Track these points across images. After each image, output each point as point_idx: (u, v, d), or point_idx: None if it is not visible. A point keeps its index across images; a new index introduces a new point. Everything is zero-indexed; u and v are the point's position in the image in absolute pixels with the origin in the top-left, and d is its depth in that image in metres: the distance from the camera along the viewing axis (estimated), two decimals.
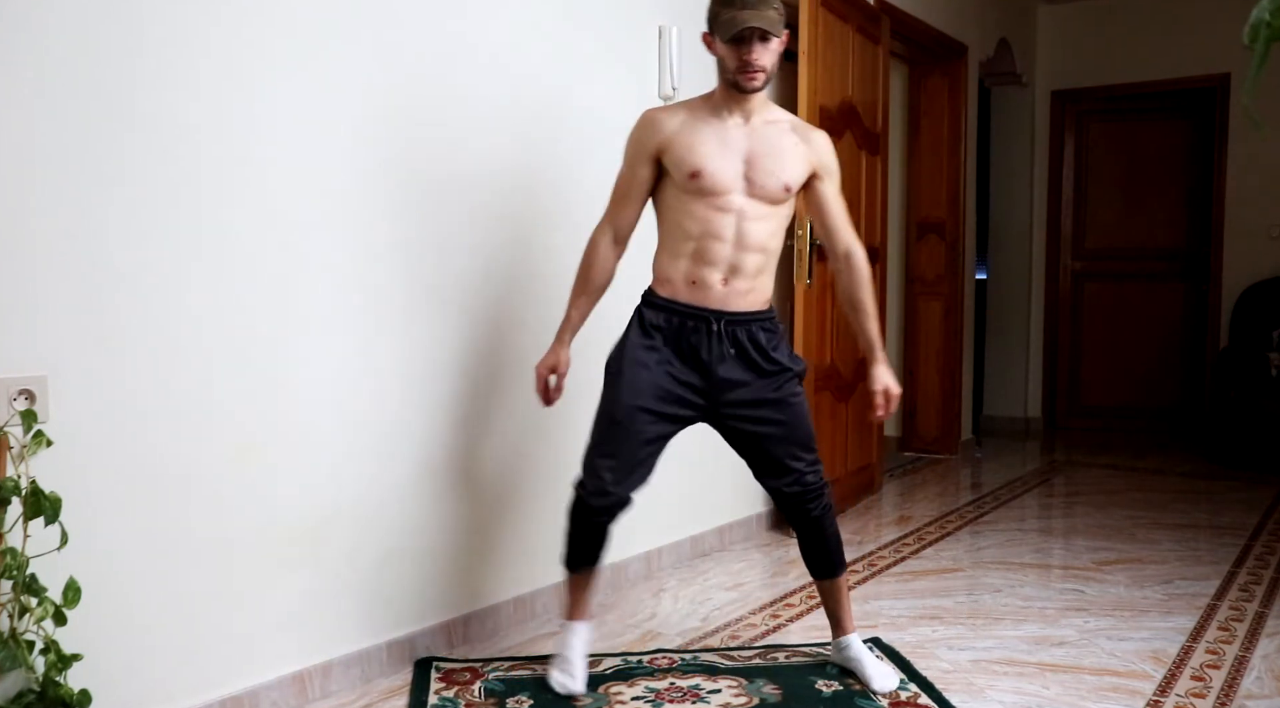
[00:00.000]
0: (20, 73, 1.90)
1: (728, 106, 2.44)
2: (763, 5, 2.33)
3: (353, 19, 2.49)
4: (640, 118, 2.49)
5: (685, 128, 2.42)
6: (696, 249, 2.42)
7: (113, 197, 2.04)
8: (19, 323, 1.91)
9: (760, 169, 2.40)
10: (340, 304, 2.50)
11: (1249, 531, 4.14)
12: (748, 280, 2.44)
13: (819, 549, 2.60)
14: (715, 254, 2.41)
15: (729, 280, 2.43)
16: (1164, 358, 6.61)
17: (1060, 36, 6.67)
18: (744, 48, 2.34)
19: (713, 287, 2.42)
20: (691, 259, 2.43)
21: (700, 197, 2.39)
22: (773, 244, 2.48)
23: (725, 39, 2.35)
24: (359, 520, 2.56)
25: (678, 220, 2.44)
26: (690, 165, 2.38)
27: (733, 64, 2.37)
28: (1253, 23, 1.21)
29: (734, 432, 2.52)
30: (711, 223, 2.40)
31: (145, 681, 2.12)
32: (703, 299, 2.43)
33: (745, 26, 2.31)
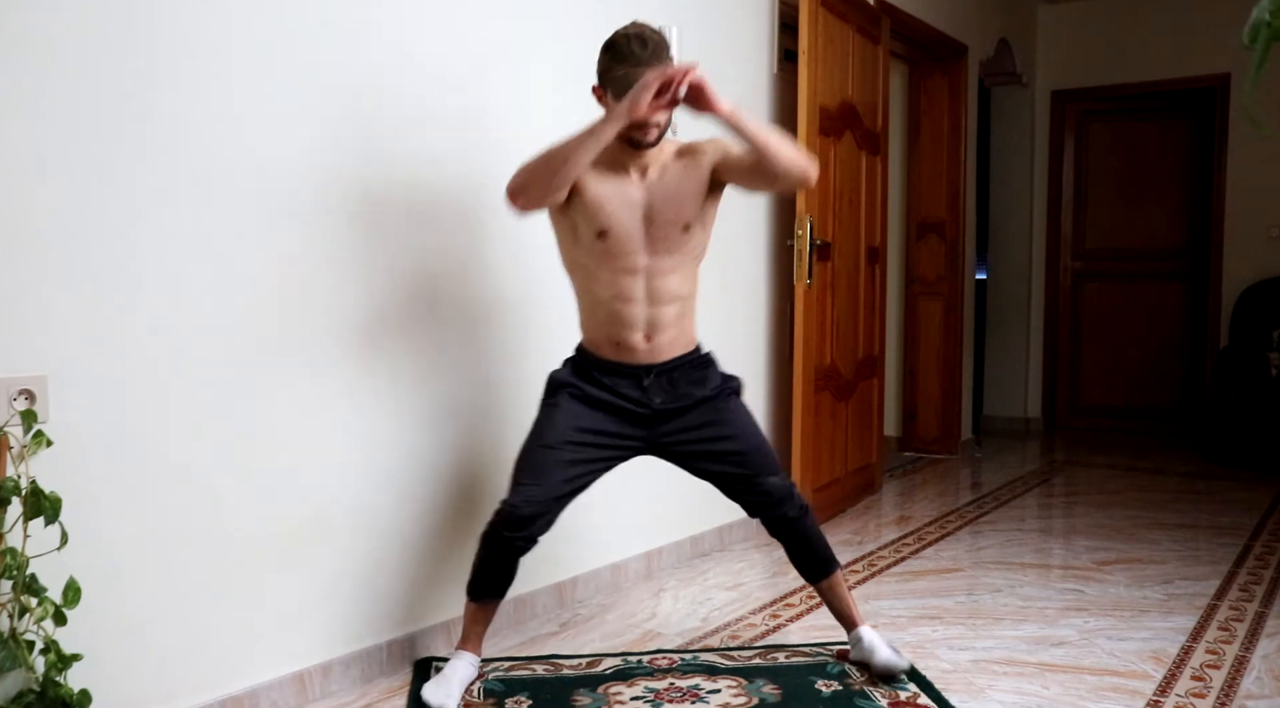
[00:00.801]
0: (21, 73, 1.89)
1: (624, 162, 2.40)
2: (655, 61, 2.28)
3: (349, 20, 2.49)
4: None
5: (595, 179, 2.37)
6: (611, 313, 2.44)
7: (113, 197, 2.04)
8: (19, 323, 1.91)
9: (660, 222, 2.40)
10: (341, 304, 2.49)
11: (1249, 531, 4.14)
12: (670, 330, 2.47)
13: (804, 552, 2.63)
14: (631, 316, 2.43)
15: (651, 337, 2.45)
16: (1164, 358, 6.62)
17: (1060, 36, 6.67)
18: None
19: (636, 347, 2.45)
20: (609, 323, 2.45)
21: (606, 258, 2.40)
22: (687, 289, 2.49)
23: (619, 96, 2.28)
24: (359, 520, 2.56)
25: (588, 285, 2.47)
26: (599, 223, 2.37)
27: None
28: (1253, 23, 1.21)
29: (685, 458, 2.56)
30: (620, 286, 2.41)
31: (145, 681, 2.12)
32: (629, 357, 2.46)
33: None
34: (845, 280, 4.40)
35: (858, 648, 2.63)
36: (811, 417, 4.05)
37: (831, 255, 4.23)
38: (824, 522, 4.22)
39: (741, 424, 2.54)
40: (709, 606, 3.19)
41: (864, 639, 2.61)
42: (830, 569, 2.63)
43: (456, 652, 2.50)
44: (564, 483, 2.43)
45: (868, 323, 4.68)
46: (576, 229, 2.42)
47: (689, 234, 2.44)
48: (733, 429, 2.52)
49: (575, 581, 3.21)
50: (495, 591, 2.49)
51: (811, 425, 4.05)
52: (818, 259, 4.05)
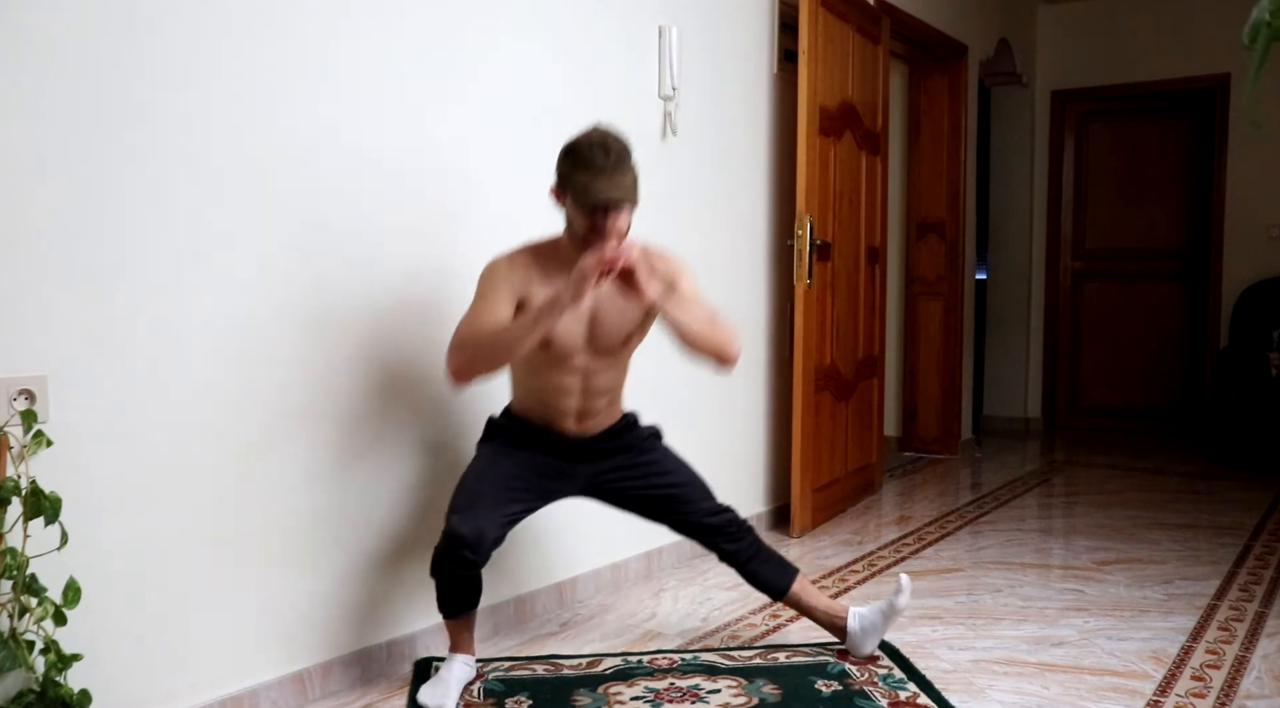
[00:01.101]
0: (21, 73, 1.89)
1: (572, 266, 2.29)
2: (617, 172, 2.25)
3: (348, 21, 2.49)
4: (496, 262, 2.39)
5: (543, 284, 2.35)
6: (544, 402, 2.50)
7: (113, 197, 2.04)
8: (19, 323, 1.91)
9: (603, 329, 2.43)
10: (341, 304, 2.50)
11: (1249, 531, 4.14)
12: (600, 416, 2.55)
13: (755, 580, 2.71)
14: (564, 405, 2.50)
15: (581, 421, 2.53)
16: (1164, 358, 6.62)
17: (1060, 36, 6.67)
18: (599, 215, 2.26)
19: (566, 428, 2.53)
20: (541, 408, 2.52)
21: (545, 361, 2.42)
22: (620, 380, 2.58)
23: (581, 208, 2.27)
24: (359, 520, 2.56)
25: (524, 375, 2.52)
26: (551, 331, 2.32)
27: (582, 230, 2.30)
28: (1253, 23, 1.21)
29: (623, 497, 2.63)
30: (556, 381, 2.47)
31: (145, 681, 2.12)
32: (559, 431, 2.53)
33: (603, 198, 2.23)
34: (845, 280, 4.40)
35: (851, 641, 2.69)
36: (811, 417, 4.05)
37: (831, 255, 4.23)
38: (824, 522, 4.22)
39: (671, 461, 2.65)
40: (709, 606, 3.19)
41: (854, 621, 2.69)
42: (786, 590, 2.70)
43: (450, 655, 2.50)
44: (501, 509, 2.40)
45: (868, 323, 4.68)
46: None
47: (628, 344, 2.51)
48: (665, 466, 2.63)
49: (575, 581, 3.21)
50: (466, 606, 2.47)
51: (811, 425, 4.05)
52: (818, 259, 4.05)
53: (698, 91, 3.66)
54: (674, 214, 3.57)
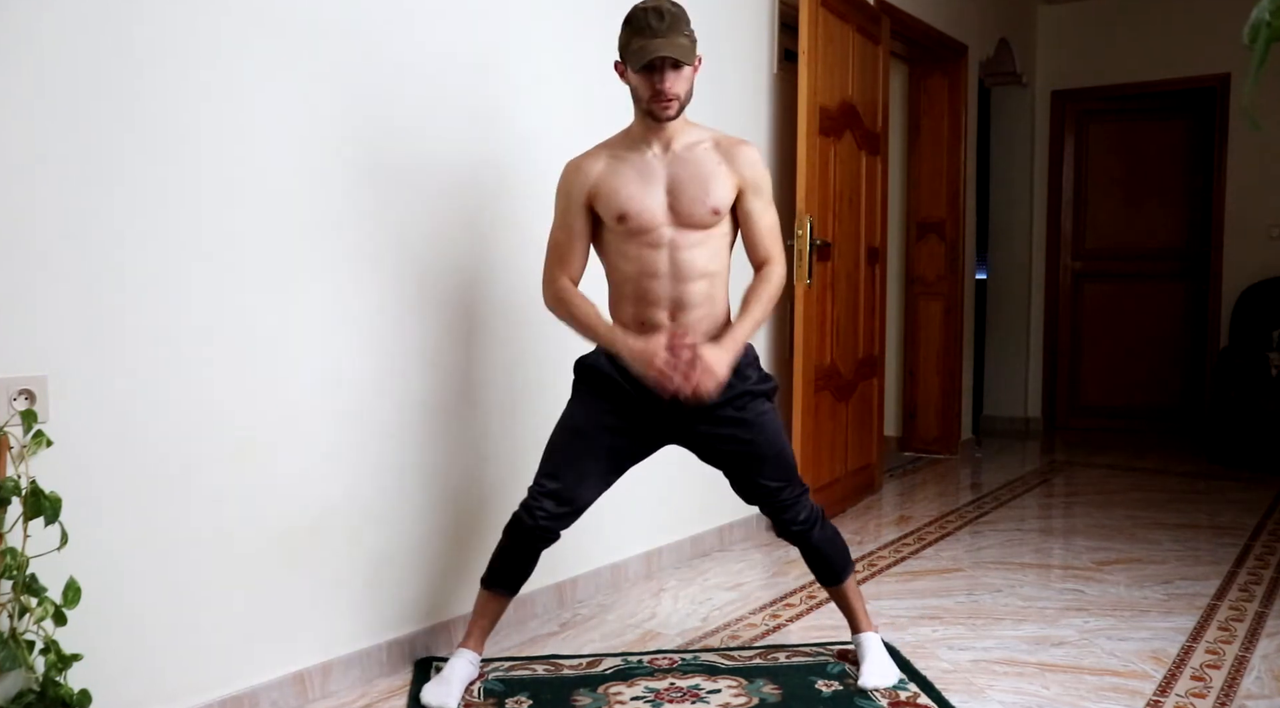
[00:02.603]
0: (20, 73, 1.89)
1: (646, 138, 2.41)
2: (673, 33, 2.31)
3: (343, 23, 2.49)
4: (565, 169, 2.45)
5: (609, 171, 2.40)
6: (637, 290, 2.41)
7: (113, 197, 2.04)
8: (19, 323, 1.91)
9: (685, 197, 2.37)
10: (341, 305, 2.50)
11: (1249, 531, 4.14)
12: (696, 310, 2.41)
13: (814, 559, 2.61)
14: (656, 292, 2.40)
15: (676, 315, 2.41)
16: (1164, 358, 6.62)
17: (1060, 36, 6.67)
18: (656, 76, 2.31)
19: (660, 325, 2.40)
20: (634, 301, 2.43)
21: (630, 236, 2.39)
22: (714, 266, 2.43)
23: (636, 68, 2.32)
24: (359, 520, 2.56)
25: (615, 263, 2.45)
26: (616, 209, 2.37)
27: (646, 93, 2.34)
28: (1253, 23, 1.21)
29: (704, 450, 2.54)
30: (645, 261, 2.39)
31: (145, 681, 2.12)
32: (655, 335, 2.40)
33: (656, 55, 2.28)
34: (845, 280, 4.40)
35: (857, 651, 2.64)
36: (811, 417, 4.05)
37: (831, 255, 4.23)
38: None
39: (763, 427, 2.48)
40: (709, 606, 3.19)
41: (861, 646, 2.61)
42: (842, 578, 2.62)
43: (457, 650, 2.50)
44: (594, 475, 2.44)
45: (868, 323, 4.68)
46: (600, 216, 2.43)
47: (718, 217, 2.41)
48: (752, 433, 2.47)
49: (575, 581, 3.21)
50: (510, 582, 2.49)
51: (811, 425, 4.05)
52: (818, 259, 4.05)
53: (698, 91, 3.64)
54: None
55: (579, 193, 2.42)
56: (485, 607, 2.51)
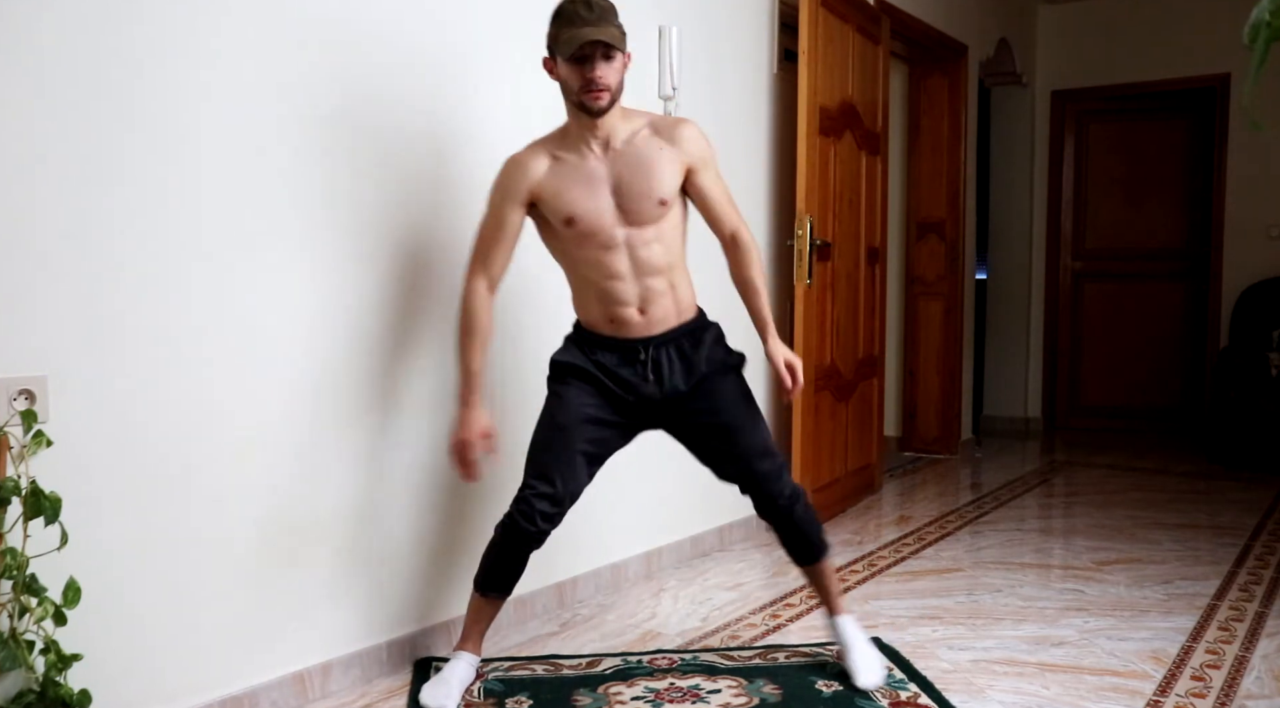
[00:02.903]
0: (20, 73, 1.90)
1: (584, 137, 2.37)
2: (603, 22, 2.27)
3: (349, 25, 2.49)
4: (506, 164, 2.42)
5: (552, 173, 2.38)
6: (601, 291, 2.42)
7: (113, 197, 2.04)
8: (19, 323, 1.91)
9: (632, 195, 2.36)
10: (341, 305, 2.50)
11: (1249, 531, 4.14)
12: (663, 301, 2.43)
13: (793, 538, 2.57)
14: (621, 293, 2.41)
15: (645, 310, 2.43)
16: (1164, 358, 6.61)
17: (1060, 36, 6.67)
18: (587, 66, 2.27)
19: (631, 321, 2.43)
20: (601, 302, 2.44)
21: (583, 241, 2.39)
22: (673, 257, 2.45)
23: (566, 57, 2.28)
24: (358, 520, 2.56)
25: (574, 267, 2.46)
26: (563, 212, 2.36)
27: (576, 84, 2.30)
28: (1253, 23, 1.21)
29: (682, 433, 2.54)
30: (604, 264, 2.40)
31: (145, 681, 2.12)
32: (626, 332, 2.44)
33: (586, 41, 2.24)
34: (845, 280, 4.40)
35: (833, 634, 2.62)
36: (811, 417, 4.05)
37: (831, 255, 4.23)
38: (824, 522, 4.20)
39: (730, 398, 2.48)
40: (709, 606, 3.19)
41: (841, 630, 2.60)
42: (817, 556, 2.59)
43: (455, 652, 2.50)
44: (581, 468, 2.44)
45: (868, 323, 4.68)
46: (547, 221, 2.43)
47: (665, 208, 2.40)
48: (719, 403, 2.47)
49: (575, 581, 3.21)
50: (503, 585, 2.49)
51: (811, 425, 4.05)
52: (818, 259, 4.05)
53: (698, 91, 3.66)
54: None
55: (519, 189, 2.38)
56: (481, 610, 2.51)
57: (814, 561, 2.60)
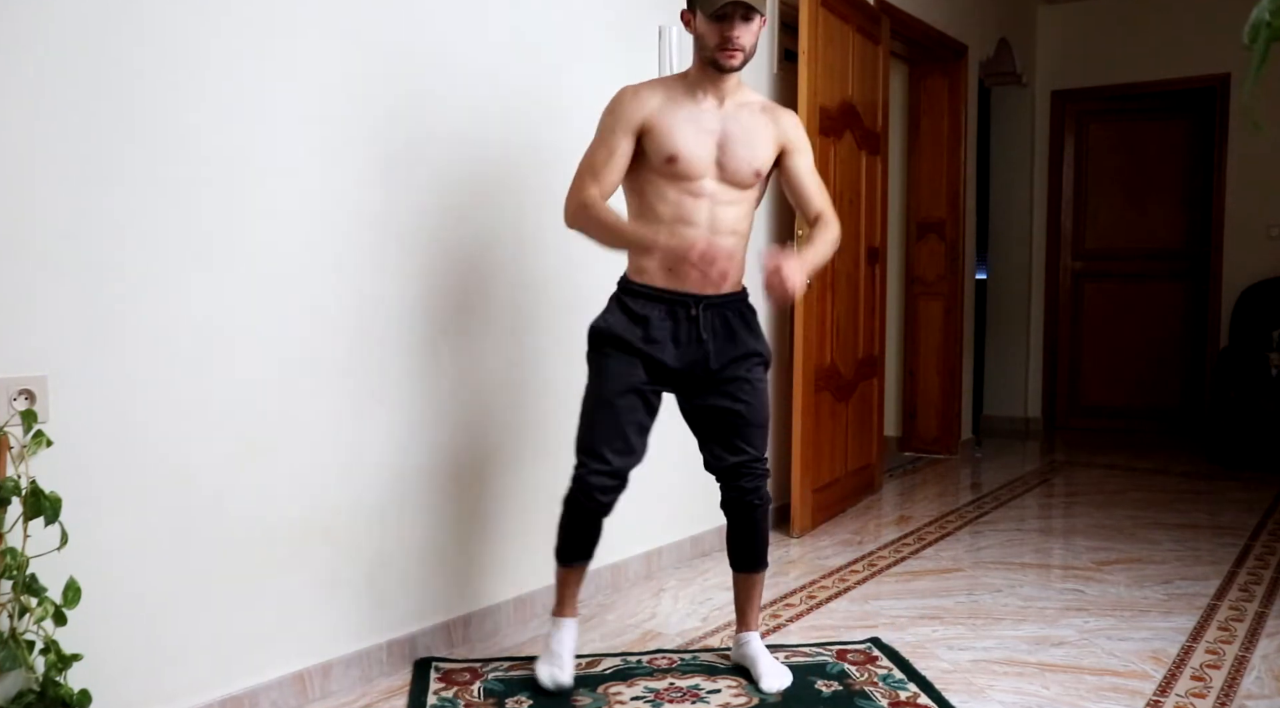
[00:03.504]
0: (21, 73, 1.90)
1: (703, 88, 2.44)
2: None
3: (347, 22, 2.49)
4: (619, 93, 2.45)
5: (664, 108, 2.41)
6: (670, 235, 2.39)
7: (113, 197, 2.04)
8: (19, 323, 1.91)
9: (732, 154, 2.41)
10: (339, 305, 2.50)
11: (1249, 531, 4.14)
12: (724, 262, 2.35)
13: (747, 541, 2.57)
14: (691, 239, 2.37)
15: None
16: (1164, 358, 6.61)
17: (1060, 36, 6.67)
18: (725, 24, 2.32)
19: (689, 275, 2.38)
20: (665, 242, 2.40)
21: (673, 181, 2.40)
22: (743, 226, 2.50)
23: (708, 14, 2.33)
24: (359, 520, 2.56)
25: (650, 204, 2.43)
26: (668, 149, 2.38)
27: (713, 41, 2.35)
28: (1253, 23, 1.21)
29: (698, 407, 2.52)
30: (684, 208, 2.41)
31: (145, 681, 2.12)
32: (679, 284, 2.43)
33: (728, 2, 2.29)
34: (845, 280, 4.40)
35: (739, 649, 2.62)
36: (811, 417, 4.05)
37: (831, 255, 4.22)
38: (824, 522, 4.22)
39: (754, 391, 2.51)
40: (709, 606, 3.19)
41: (749, 645, 2.59)
42: (758, 568, 2.61)
43: (554, 620, 2.54)
44: (633, 440, 2.45)
45: (868, 323, 4.68)
46: (645, 154, 2.42)
47: (756, 179, 2.46)
48: (751, 398, 2.50)
49: None
50: (584, 552, 2.53)
51: (811, 425, 4.05)
52: None
53: None
54: None
55: (633, 118, 2.40)
56: (567, 578, 2.56)
57: (754, 569, 2.61)
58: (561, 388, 3.06)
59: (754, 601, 2.64)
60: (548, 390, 3.07)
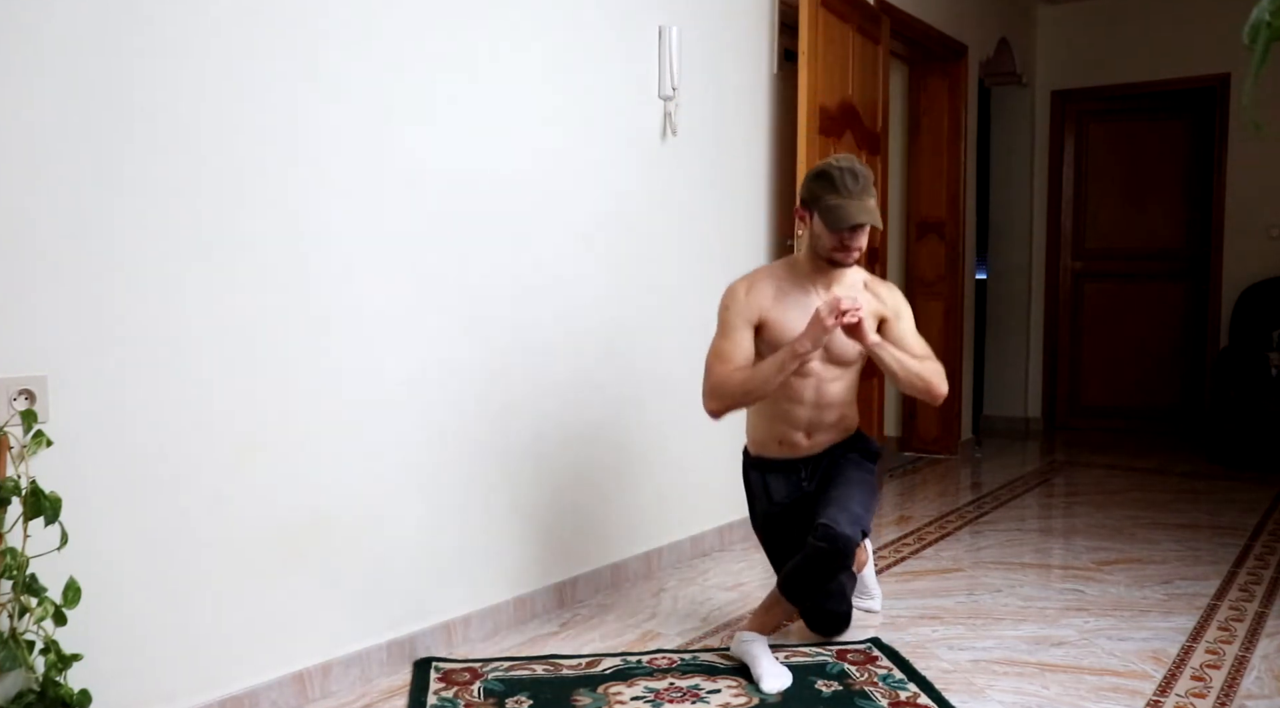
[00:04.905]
0: (22, 73, 1.90)
1: (812, 278, 2.65)
2: (865, 195, 2.50)
3: (351, 26, 2.49)
4: (733, 290, 2.64)
5: (777, 303, 2.60)
6: (778, 412, 2.70)
7: (114, 197, 2.04)
8: (19, 323, 1.91)
9: (838, 338, 2.57)
10: (338, 305, 2.50)
11: (1249, 531, 4.14)
12: (829, 431, 2.74)
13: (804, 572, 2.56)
14: (796, 417, 2.69)
15: (811, 435, 2.73)
16: (1164, 358, 6.61)
17: (1060, 36, 6.67)
18: (847, 234, 2.53)
19: (798, 444, 2.74)
20: (775, 422, 2.72)
21: None
22: (850, 396, 2.75)
23: (831, 229, 2.52)
24: (359, 520, 2.56)
25: None
26: (782, 343, 2.55)
27: (831, 245, 2.56)
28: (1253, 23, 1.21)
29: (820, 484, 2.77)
30: (792, 388, 2.63)
31: (145, 681, 2.12)
32: (790, 453, 2.75)
33: (857, 222, 2.49)
34: None
35: (741, 646, 2.61)
36: None
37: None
38: None
39: (846, 462, 2.72)
40: (709, 606, 3.19)
41: (753, 644, 2.58)
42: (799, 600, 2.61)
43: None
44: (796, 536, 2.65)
45: None
46: (758, 343, 2.62)
47: (859, 358, 2.69)
48: (842, 465, 2.72)
49: (575, 581, 3.21)
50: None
51: None
52: None
53: (698, 91, 3.66)
54: (674, 214, 3.57)
55: (751, 313, 2.61)
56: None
57: (793, 601, 2.60)
58: (549, 386, 3.06)
59: (775, 615, 2.66)
60: (541, 391, 3.08)
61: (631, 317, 3.40)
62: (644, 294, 3.43)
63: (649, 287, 3.45)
